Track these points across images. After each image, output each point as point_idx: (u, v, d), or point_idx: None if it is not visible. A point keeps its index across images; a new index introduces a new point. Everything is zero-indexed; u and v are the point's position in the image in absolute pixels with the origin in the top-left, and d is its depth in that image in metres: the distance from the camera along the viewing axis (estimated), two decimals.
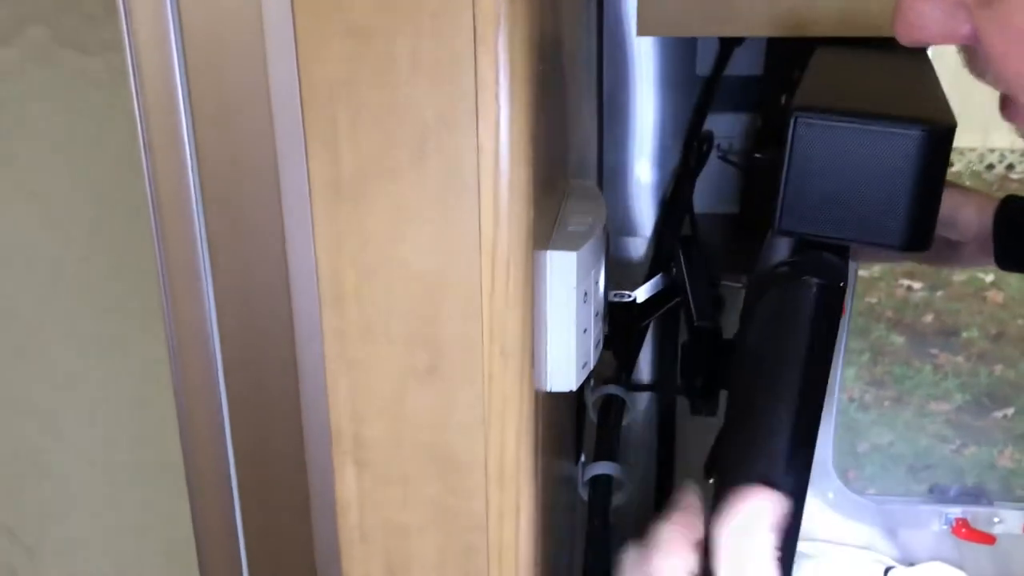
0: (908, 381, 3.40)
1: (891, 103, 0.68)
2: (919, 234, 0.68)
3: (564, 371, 0.67)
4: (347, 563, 0.64)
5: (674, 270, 1.15)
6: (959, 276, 3.83)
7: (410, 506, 0.62)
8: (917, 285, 3.81)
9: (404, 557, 0.63)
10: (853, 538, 1.49)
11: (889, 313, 3.68)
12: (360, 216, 0.56)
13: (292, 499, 0.63)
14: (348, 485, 0.62)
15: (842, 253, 0.71)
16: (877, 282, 3.81)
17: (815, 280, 0.66)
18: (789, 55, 1.06)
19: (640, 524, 0.82)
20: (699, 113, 1.21)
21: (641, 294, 1.10)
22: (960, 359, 3.51)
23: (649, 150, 1.25)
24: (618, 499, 1.07)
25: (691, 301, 1.04)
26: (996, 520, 1.45)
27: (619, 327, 1.08)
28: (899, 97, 0.71)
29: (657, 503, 1.37)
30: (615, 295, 1.08)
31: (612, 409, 1.12)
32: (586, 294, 0.68)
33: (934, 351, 3.54)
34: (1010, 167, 4.45)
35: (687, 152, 1.22)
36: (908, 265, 3.81)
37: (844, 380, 1.82)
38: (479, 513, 0.62)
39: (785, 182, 0.69)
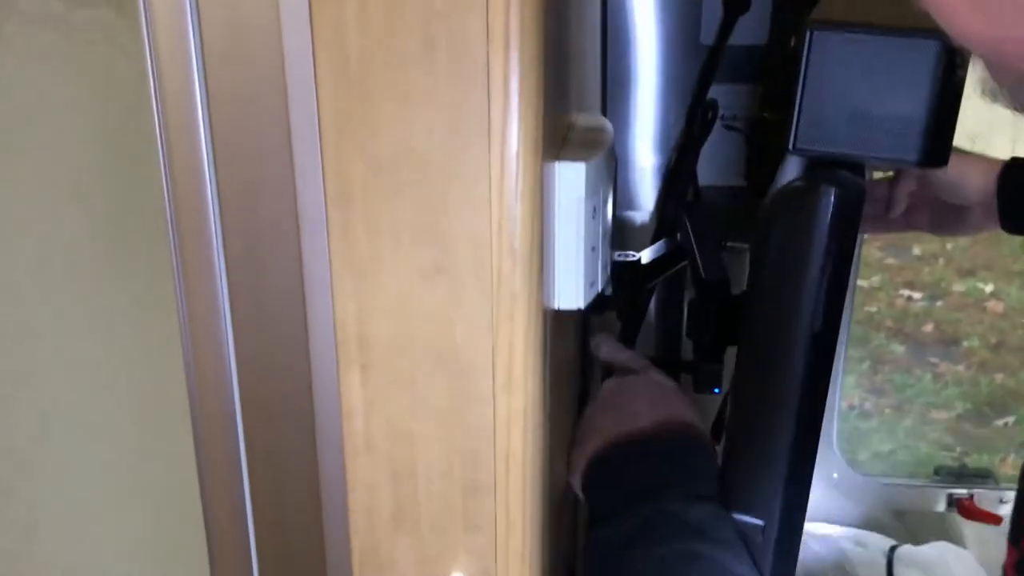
0: (909, 389, 3.39)
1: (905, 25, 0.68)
2: (936, 149, 0.67)
3: (572, 288, 0.67)
4: (351, 473, 0.63)
5: (679, 236, 1.14)
6: (959, 286, 3.83)
7: (416, 412, 0.61)
8: (917, 295, 3.81)
9: (409, 465, 0.62)
10: (858, 519, 1.47)
11: (889, 322, 3.68)
12: (368, 104, 0.55)
13: (296, 405, 0.62)
14: (353, 391, 0.61)
15: (857, 172, 0.70)
16: (877, 292, 3.81)
17: (833, 188, 0.65)
18: (795, 23, 1.06)
19: None
20: (703, 81, 1.21)
21: (646, 256, 1.09)
22: (961, 368, 3.50)
23: (653, 122, 1.25)
24: None
25: (698, 257, 1.03)
26: (1003, 500, 1.44)
27: (624, 289, 1.07)
28: (911, 23, 0.71)
29: None
30: (619, 255, 1.07)
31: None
32: (595, 210, 0.67)
33: (934, 360, 3.53)
34: None
35: (691, 120, 1.22)
36: (908, 275, 3.82)
37: (844, 388, 1.81)
38: (486, 419, 0.60)
39: (800, 98, 0.68)
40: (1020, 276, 3.83)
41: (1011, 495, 1.41)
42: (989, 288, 3.77)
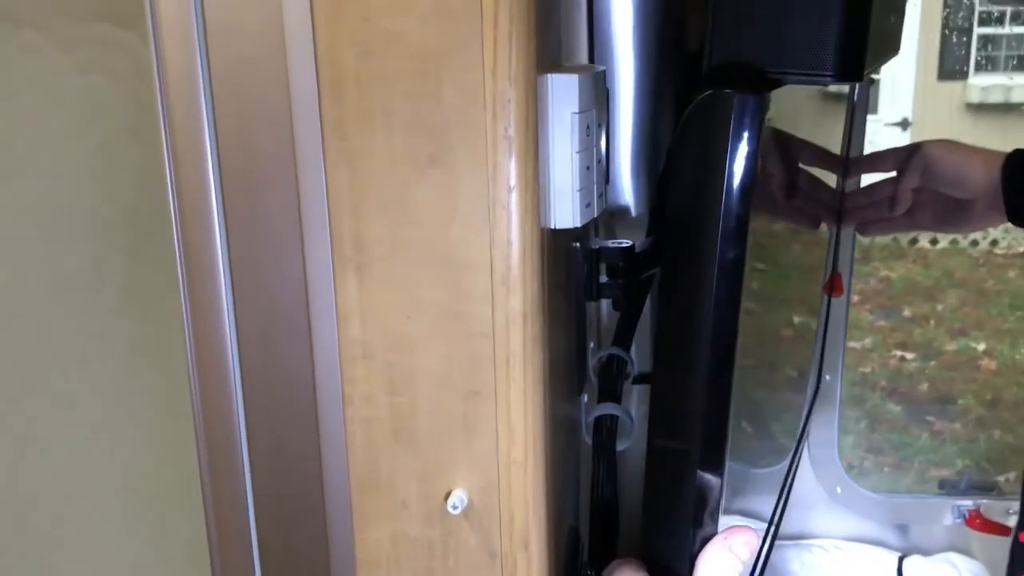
0: (907, 448, 3.37)
1: None
2: (850, 61, 0.68)
3: (567, 205, 0.66)
4: (348, 384, 0.61)
5: None
6: (951, 346, 3.83)
7: (414, 314, 0.60)
8: (910, 355, 3.81)
9: (408, 372, 0.61)
10: (862, 534, 1.45)
11: (883, 382, 3.67)
12: None
13: (292, 312, 0.60)
14: (349, 293, 0.60)
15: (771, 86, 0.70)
16: (870, 353, 3.81)
17: (734, 93, 0.65)
18: None
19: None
20: (690, 86, 1.22)
21: (640, 245, 1.09)
22: (957, 426, 3.49)
23: (644, 128, 1.25)
24: (623, 444, 1.04)
25: None
26: (1011, 511, 1.41)
27: (619, 276, 1.07)
28: None
29: None
30: (613, 242, 1.07)
31: (614, 365, 1.10)
32: (588, 128, 0.67)
33: (931, 418, 3.52)
34: (994, 243, 4.51)
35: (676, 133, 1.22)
36: (900, 336, 3.82)
37: (842, 448, 1.78)
38: (485, 318, 0.59)
39: (713, 17, 0.69)
40: (1011, 334, 3.84)
41: (1017, 505, 1.40)
42: (981, 347, 3.78)
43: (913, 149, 1.05)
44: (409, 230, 0.59)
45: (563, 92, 0.64)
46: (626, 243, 1.08)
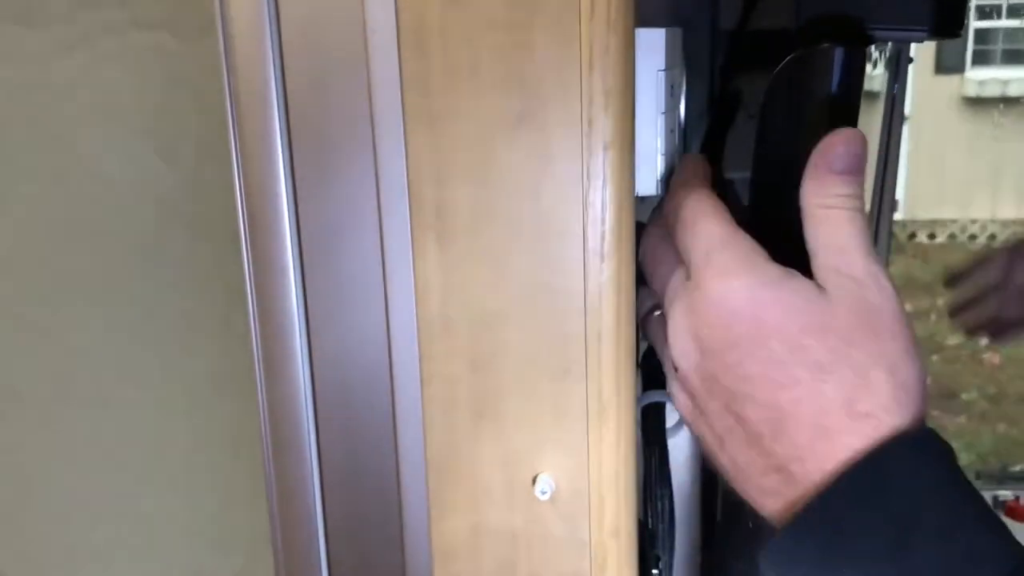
0: None
1: None
2: (950, 14, 0.64)
3: (651, 170, 0.62)
4: (427, 362, 0.57)
5: None
6: (953, 340, 3.81)
7: (500, 286, 0.55)
8: None
9: (491, 349, 0.56)
10: None
11: None
12: None
13: (364, 282, 0.56)
14: (429, 265, 0.55)
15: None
16: None
17: (835, 45, 0.61)
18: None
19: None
20: (725, 70, 1.18)
21: None
22: (962, 419, 3.46)
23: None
24: (672, 435, 1.00)
25: None
26: None
27: None
28: None
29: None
30: None
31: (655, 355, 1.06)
32: (673, 87, 0.63)
33: (935, 413, 3.49)
34: (992, 237, 4.49)
35: (714, 113, 1.18)
36: None
37: None
38: (577, 292, 0.55)
39: None
40: None
41: None
42: (984, 340, 3.75)
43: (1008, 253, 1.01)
44: (496, 195, 0.54)
45: (649, 47, 0.60)
46: None
